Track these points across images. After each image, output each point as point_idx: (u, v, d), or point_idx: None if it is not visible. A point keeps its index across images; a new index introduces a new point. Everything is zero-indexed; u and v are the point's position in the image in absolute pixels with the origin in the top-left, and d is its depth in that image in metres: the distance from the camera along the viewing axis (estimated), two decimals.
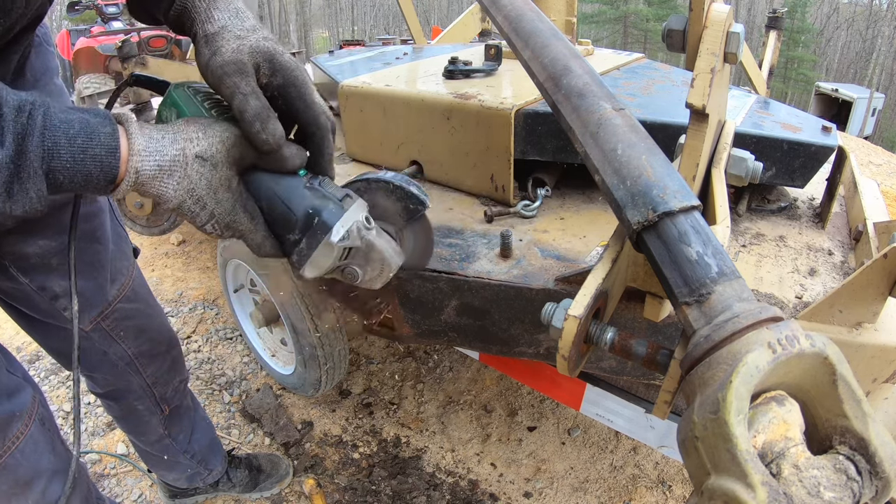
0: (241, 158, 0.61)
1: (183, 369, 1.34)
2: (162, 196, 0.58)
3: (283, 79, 0.63)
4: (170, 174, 0.57)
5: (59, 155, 0.50)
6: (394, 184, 0.70)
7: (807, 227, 1.17)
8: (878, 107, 11.95)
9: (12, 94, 0.49)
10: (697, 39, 0.70)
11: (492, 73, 1.43)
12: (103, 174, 0.53)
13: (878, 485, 0.36)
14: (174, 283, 2.69)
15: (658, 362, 0.52)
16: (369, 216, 0.67)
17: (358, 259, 0.67)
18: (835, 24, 29.47)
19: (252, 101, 0.59)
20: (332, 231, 0.62)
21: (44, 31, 0.89)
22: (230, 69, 0.59)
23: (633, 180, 0.51)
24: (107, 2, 5.37)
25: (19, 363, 0.93)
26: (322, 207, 0.62)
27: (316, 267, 0.65)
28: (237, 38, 0.61)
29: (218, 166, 0.59)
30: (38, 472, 0.91)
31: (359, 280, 0.69)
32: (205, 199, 0.59)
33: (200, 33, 0.63)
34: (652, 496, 1.73)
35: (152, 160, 0.55)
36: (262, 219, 0.64)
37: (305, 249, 0.63)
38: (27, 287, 0.94)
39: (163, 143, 0.56)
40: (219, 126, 0.60)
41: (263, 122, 0.59)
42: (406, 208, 0.72)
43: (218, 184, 0.59)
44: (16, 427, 0.86)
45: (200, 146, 0.58)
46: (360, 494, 1.70)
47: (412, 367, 2.22)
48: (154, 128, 0.57)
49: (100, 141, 0.52)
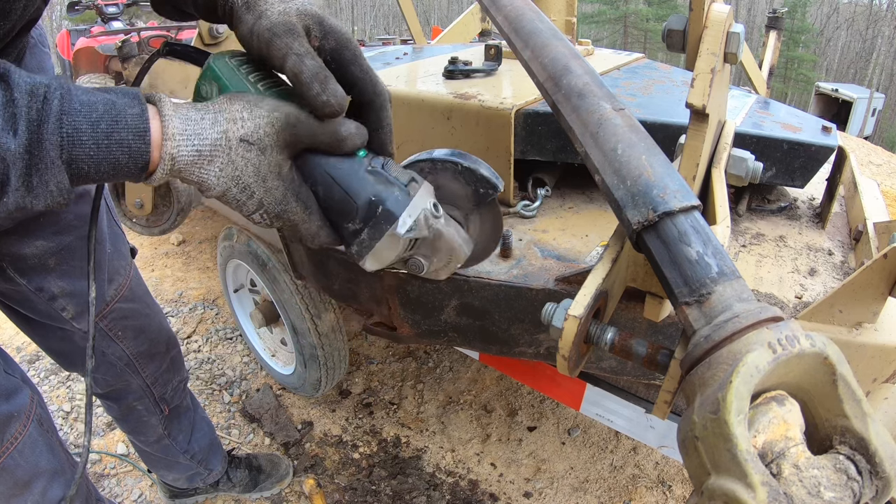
0: (293, 141, 0.54)
1: (182, 369, 1.34)
2: (203, 183, 0.52)
3: (335, 41, 0.57)
4: (211, 160, 0.51)
5: (80, 142, 0.45)
6: (463, 165, 0.62)
7: (807, 227, 1.17)
8: (878, 107, 11.94)
9: (25, 77, 0.44)
10: (697, 39, 0.70)
11: (492, 73, 1.43)
12: (132, 161, 0.48)
13: (879, 485, 0.36)
14: (174, 283, 2.69)
15: (658, 362, 0.52)
16: (437, 202, 0.60)
17: (424, 249, 0.61)
18: (835, 24, 29.47)
19: (308, 61, 0.53)
20: (398, 221, 0.55)
21: (39, 33, 0.88)
22: (280, 30, 0.53)
23: (633, 180, 0.51)
24: (107, 2, 5.37)
25: (17, 364, 0.93)
26: (387, 194, 0.56)
27: (378, 259, 0.59)
28: (282, 2, 0.56)
29: (267, 150, 0.53)
30: (36, 472, 0.90)
31: (423, 271, 0.63)
32: (252, 187, 0.53)
33: (239, 1, 0.57)
34: (652, 496, 1.73)
35: (190, 144, 0.50)
36: (317, 206, 0.57)
37: (367, 240, 0.57)
38: (24, 288, 0.93)
39: (202, 125, 0.50)
40: (267, 103, 0.53)
41: (323, 82, 0.52)
42: (476, 192, 0.65)
43: (267, 170, 0.53)
44: (13, 428, 0.85)
45: (246, 127, 0.51)
46: (360, 494, 1.70)
47: (412, 367, 2.22)
48: (191, 106, 0.52)
49: (126, 124, 0.47)
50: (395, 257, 0.59)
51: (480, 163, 0.64)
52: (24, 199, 0.44)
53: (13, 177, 0.43)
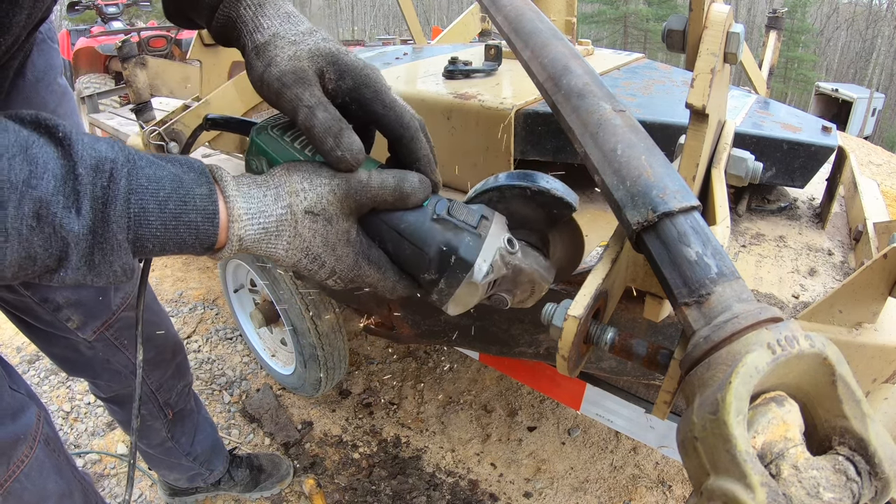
0: (357, 207, 0.52)
1: (187, 374, 1.34)
2: (272, 257, 0.51)
3: (352, 80, 0.54)
4: (278, 235, 0.49)
5: (147, 223, 0.43)
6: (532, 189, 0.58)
7: (807, 227, 1.17)
8: (878, 107, 11.93)
9: (89, 150, 0.41)
10: (697, 39, 0.69)
11: (492, 73, 1.43)
12: (199, 241, 0.46)
13: (878, 485, 0.36)
14: (174, 283, 2.69)
15: (658, 363, 0.52)
16: (512, 238, 0.58)
17: (505, 285, 0.59)
18: (835, 24, 29.45)
19: (319, 114, 0.50)
20: (473, 269, 0.54)
21: (48, 28, 0.86)
22: (289, 80, 0.51)
23: (632, 181, 0.51)
24: (107, 2, 5.38)
25: (22, 379, 0.90)
26: (457, 243, 0.54)
27: (460, 305, 0.58)
28: (292, 44, 0.53)
29: (333, 220, 0.51)
30: (44, 496, 0.88)
31: (508, 305, 0.62)
32: (323, 256, 0.52)
33: (249, 45, 0.54)
34: (652, 496, 1.73)
35: (256, 223, 0.48)
36: (390, 262, 0.56)
37: (446, 289, 0.56)
38: (29, 299, 0.93)
39: (265, 202, 0.49)
40: (326, 172, 0.51)
41: (336, 136, 0.50)
42: (549, 214, 0.61)
43: (336, 239, 0.52)
44: (20, 450, 0.83)
45: (308, 200, 0.50)
46: (360, 494, 1.70)
47: (412, 367, 2.22)
48: (252, 182, 0.50)
49: (195, 205, 0.45)
50: (478, 300, 0.59)
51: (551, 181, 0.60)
52: (84, 277, 0.43)
53: (74, 257, 0.41)
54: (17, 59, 0.73)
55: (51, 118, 0.41)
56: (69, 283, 0.43)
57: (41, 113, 0.41)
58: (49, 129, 0.40)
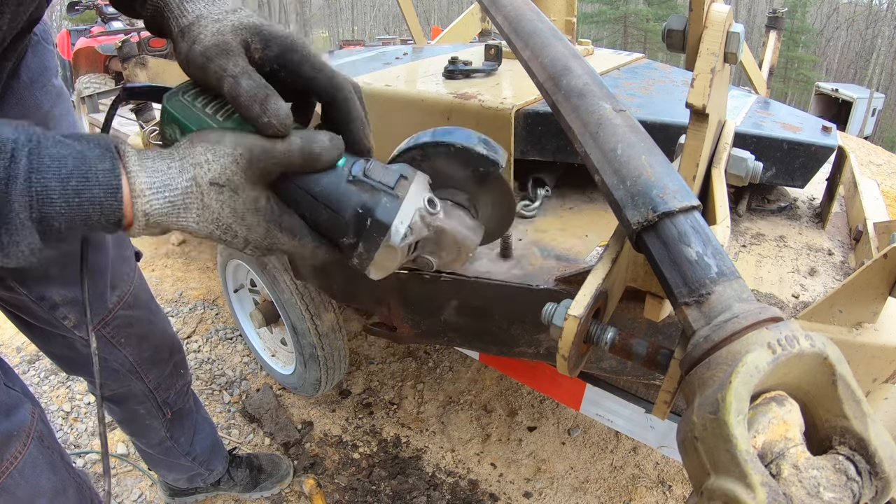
0: (264, 174, 0.52)
1: (186, 374, 1.34)
2: (185, 229, 0.51)
3: (278, 47, 0.54)
4: (185, 208, 0.49)
5: (49, 200, 0.43)
6: (455, 146, 0.57)
7: (807, 227, 1.17)
8: (878, 107, 11.94)
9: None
10: (697, 39, 0.70)
11: (492, 73, 1.43)
12: (105, 217, 0.46)
13: (878, 485, 0.36)
14: (174, 283, 2.69)
15: (658, 362, 0.52)
16: (433, 197, 0.56)
17: (429, 247, 0.58)
18: (835, 24, 29.46)
19: (244, 82, 0.50)
20: (390, 231, 0.52)
21: (43, 29, 0.86)
22: (212, 52, 0.51)
23: (632, 180, 0.51)
24: (107, 2, 5.38)
25: (17, 376, 0.90)
26: (373, 204, 0.52)
27: (381, 269, 0.56)
28: (216, 22, 0.53)
29: (239, 189, 0.50)
30: (37, 492, 0.88)
31: (434, 268, 0.61)
32: (234, 227, 0.51)
33: (175, 29, 0.55)
34: (652, 496, 1.73)
35: (161, 197, 0.48)
36: (307, 229, 0.55)
37: (365, 253, 0.54)
38: (25, 298, 0.92)
39: (169, 175, 0.48)
40: (229, 140, 0.51)
41: (262, 102, 0.49)
42: (476, 172, 0.59)
43: (244, 208, 0.51)
44: (14, 447, 0.83)
45: (213, 170, 0.49)
46: (360, 494, 1.70)
47: (412, 367, 2.22)
48: (157, 156, 0.50)
49: (98, 181, 0.45)
50: (399, 263, 0.57)
51: (475, 137, 0.58)
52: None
53: None
54: (9, 60, 0.73)
55: None
56: None
57: None
58: None
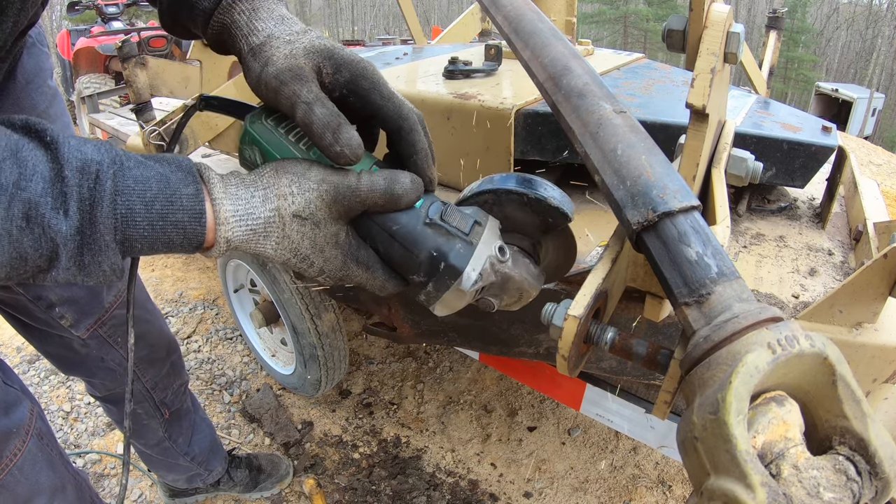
0: (347, 211, 0.52)
1: (183, 373, 1.34)
2: (262, 255, 0.52)
3: (349, 73, 0.54)
4: (266, 236, 0.50)
5: (134, 223, 0.43)
6: (529, 196, 0.58)
7: (807, 227, 1.17)
8: (878, 107, 11.94)
9: (75, 152, 0.42)
10: (697, 39, 0.69)
11: (492, 73, 1.43)
12: (187, 241, 0.47)
13: (878, 485, 0.36)
14: (174, 283, 2.69)
15: (658, 362, 0.52)
16: (503, 245, 0.58)
17: (493, 290, 0.59)
18: (835, 24, 29.46)
19: (317, 110, 0.50)
20: (462, 276, 0.54)
21: (37, 31, 0.87)
22: (286, 77, 0.51)
23: (632, 180, 0.51)
24: (107, 2, 5.37)
25: (16, 375, 0.91)
26: (448, 249, 0.54)
27: (447, 307, 0.58)
28: (287, 44, 0.53)
29: (321, 224, 0.51)
30: (36, 490, 0.88)
31: (495, 309, 0.62)
32: (311, 257, 0.52)
33: (245, 48, 0.55)
34: (652, 496, 1.73)
35: (244, 224, 0.49)
36: (380, 262, 0.56)
37: (434, 293, 0.56)
38: (22, 298, 0.93)
39: (252, 204, 0.49)
40: (314, 174, 0.51)
41: (335, 131, 0.49)
42: (545, 222, 0.61)
43: (324, 242, 0.52)
44: (13, 444, 0.83)
45: (297, 203, 0.50)
46: (360, 494, 1.70)
47: (412, 367, 2.22)
48: (240, 182, 0.50)
49: (182, 205, 0.45)
50: (464, 304, 0.59)
51: (548, 189, 0.59)
52: (75, 277, 0.43)
53: (64, 257, 0.42)
54: (6, 62, 0.74)
55: (40, 122, 0.42)
56: (62, 282, 0.44)
57: (31, 118, 0.42)
58: (38, 132, 0.41)
